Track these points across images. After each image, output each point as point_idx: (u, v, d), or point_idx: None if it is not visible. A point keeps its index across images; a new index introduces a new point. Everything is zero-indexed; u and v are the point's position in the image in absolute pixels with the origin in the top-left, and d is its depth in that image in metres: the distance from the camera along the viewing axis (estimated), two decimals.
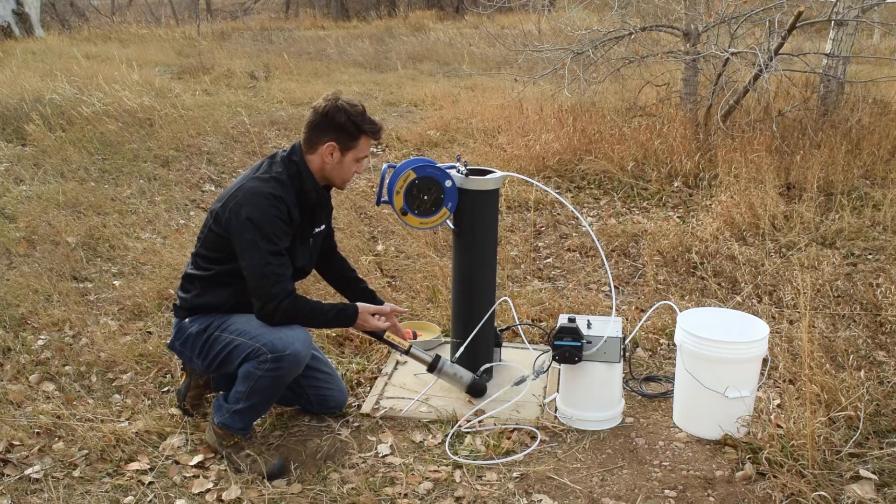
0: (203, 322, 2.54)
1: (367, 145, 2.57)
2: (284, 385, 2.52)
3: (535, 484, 2.45)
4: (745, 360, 2.60)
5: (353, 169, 2.58)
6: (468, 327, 2.96)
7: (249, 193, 2.44)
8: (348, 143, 2.51)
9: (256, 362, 2.42)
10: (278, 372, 2.43)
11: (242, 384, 2.46)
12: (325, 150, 2.51)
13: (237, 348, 2.46)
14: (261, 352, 2.41)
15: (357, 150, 2.54)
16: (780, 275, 3.98)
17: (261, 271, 2.41)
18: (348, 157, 2.54)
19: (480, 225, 2.91)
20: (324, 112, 2.49)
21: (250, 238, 2.40)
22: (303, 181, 2.53)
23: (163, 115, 7.60)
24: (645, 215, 5.15)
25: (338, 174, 2.57)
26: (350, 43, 15.03)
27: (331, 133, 2.50)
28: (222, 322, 2.51)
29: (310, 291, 3.74)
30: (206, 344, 2.52)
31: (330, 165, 2.54)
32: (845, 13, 6.44)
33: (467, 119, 7.73)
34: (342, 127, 2.49)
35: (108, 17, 21.33)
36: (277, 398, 2.64)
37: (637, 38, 6.93)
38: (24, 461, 2.56)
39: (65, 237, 4.67)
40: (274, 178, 2.48)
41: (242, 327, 2.48)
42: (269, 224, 2.41)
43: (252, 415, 2.55)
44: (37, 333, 3.51)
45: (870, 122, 6.33)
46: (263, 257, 2.40)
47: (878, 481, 2.36)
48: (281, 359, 2.41)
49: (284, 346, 2.41)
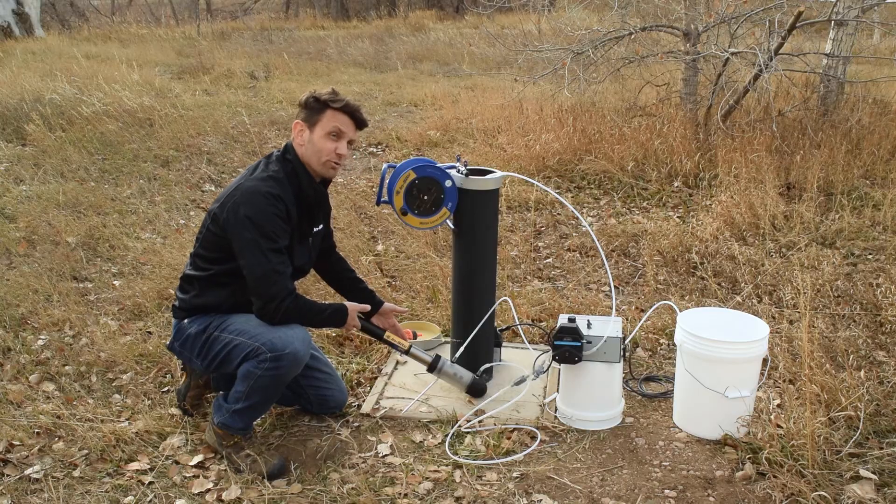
0: (202, 322, 2.54)
1: (336, 119, 2.51)
2: (284, 384, 2.52)
3: (535, 484, 2.45)
4: (745, 360, 2.60)
5: (328, 146, 2.52)
6: (468, 327, 2.96)
7: (248, 192, 2.44)
8: (312, 117, 2.52)
9: (256, 361, 2.42)
10: (278, 371, 2.43)
11: (242, 384, 2.46)
12: (295, 131, 2.54)
13: (236, 348, 2.46)
14: (260, 351, 2.41)
15: (323, 124, 2.51)
16: (780, 275, 3.98)
17: (261, 270, 2.41)
18: (316, 132, 2.52)
19: (480, 225, 2.91)
20: (298, 102, 2.56)
21: (250, 237, 2.40)
22: (300, 178, 2.53)
23: (163, 115, 7.60)
24: (645, 215, 5.15)
25: (313, 153, 2.53)
26: (350, 43, 15.03)
27: (300, 115, 2.55)
28: (221, 322, 2.51)
29: (310, 291, 3.74)
30: (205, 344, 2.52)
31: (304, 147, 2.54)
32: (845, 13, 6.44)
33: (467, 119, 7.73)
34: (306, 105, 2.53)
35: (108, 17, 21.33)
36: (277, 398, 2.64)
37: (637, 38, 6.93)
38: (24, 461, 2.56)
39: (65, 237, 4.67)
40: (271, 177, 2.49)
41: (241, 327, 2.48)
42: (269, 222, 2.41)
43: (252, 414, 2.55)
44: (37, 333, 3.51)
45: (870, 122, 6.34)
46: (263, 255, 2.40)
47: (878, 481, 2.36)
48: (280, 358, 2.40)
49: (284, 345, 2.41)
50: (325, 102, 2.51)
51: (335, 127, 2.52)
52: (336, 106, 2.51)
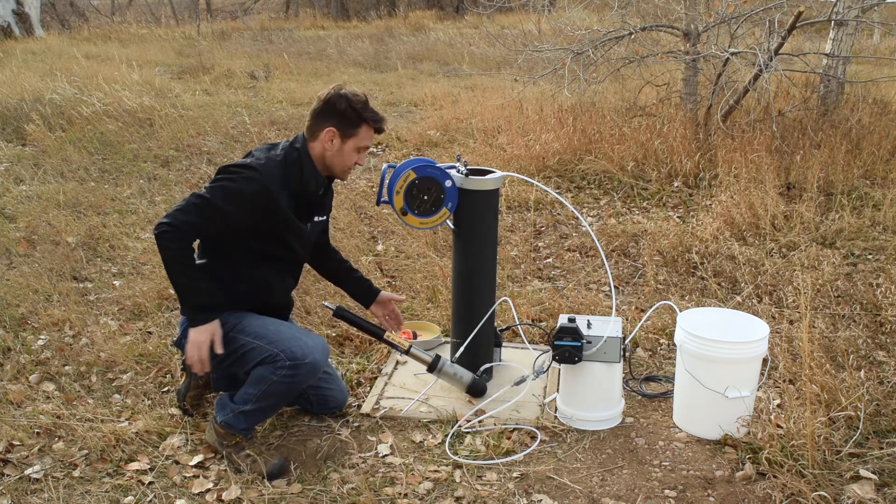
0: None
1: (369, 135, 2.55)
2: (296, 392, 2.54)
3: (535, 484, 2.45)
4: (745, 360, 2.60)
5: (354, 159, 2.56)
6: (468, 327, 2.96)
7: (242, 165, 2.45)
8: (348, 130, 2.51)
9: (273, 367, 2.42)
10: (294, 379, 2.44)
11: (254, 387, 2.47)
12: (325, 135, 2.51)
13: (254, 351, 2.46)
14: (278, 358, 2.42)
15: (358, 139, 2.53)
16: (780, 275, 3.98)
17: (184, 201, 2.37)
18: (349, 144, 2.52)
19: (480, 225, 2.91)
20: (326, 99, 2.50)
21: (208, 185, 2.40)
22: (302, 167, 2.52)
23: (163, 115, 7.60)
24: (645, 215, 5.15)
25: (338, 162, 2.55)
26: (350, 43, 15.04)
27: (332, 119, 2.50)
28: (237, 323, 2.51)
29: (310, 291, 3.74)
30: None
31: (330, 152, 2.53)
32: (845, 13, 6.44)
33: (467, 119, 7.73)
34: (342, 114, 2.49)
35: (108, 17, 21.34)
36: (286, 404, 2.65)
37: (637, 38, 6.93)
38: (24, 461, 2.56)
39: (65, 237, 4.67)
40: (269, 159, 2.47)
41: (259, 331, 2.48)
42: (235, 194, 2.37)
43: (258, 417, 2.56)
44: (37, 333, 3.51)
45: (870, 122, 6.33)
46: (197, 198, 2.36)
47: (878, 481, 2.36)
48: (298, 367, 2.42)
49: (304, 354, 2.42)
50: (364, 118, 2.51)
51: (367, 143, 2.56)
52: (375, 125, 2.53)
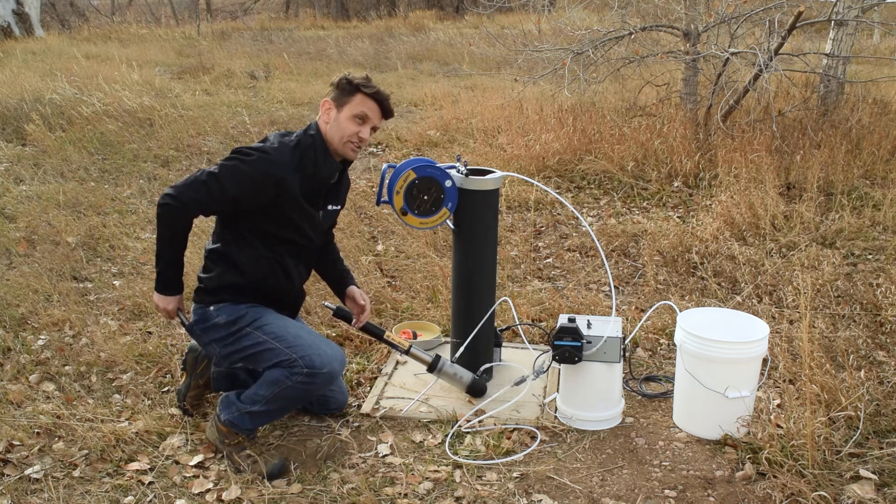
0: (231, 313, 2.51)
1: (366, 105, 2.54)
2: (309, 399, 2.53)
3: (535, 484, 2.45)
4: (745, 360, 2.60)
5: (351, 128, 2.54)
6: (468, 327, 2.96)
7: (256, 148, 2.48)
8: (342, 98, 2.54)
9: (289, 371, 2.42)
10: (308, 387, 2.44)
11: (266, 388, 2.46)
12: (323, 108, 2.56)
13: (271, 351, 2.45)
14: (296, 364, 2.41)
15: (352, 106, 2.53)
16: (780, 275, 3.98)
17: (192, 177, 2.42)
18: (343, 112, 2.53)
19: (480, 225, 2.91)
20: (331, 83, 2.58)
21: (219, 163, 2.44)
22: (316, 151, 2.54)
23: (163, 115, 7.60)
24: (645, 215, 5.15)
25: (336, 132, 2.55)
26: (350, 43, 15.04)
27: (330, 94, 2.57)
28: (255, 319, 2.50)
29: (310, 291, 3.74)
30: (233, 335, 2.50)
31: (329, 126, 2.55)
32: (845, 13, 6.44)
33: (467, 119, 7.73)
34: (338, 86, 2.56)
35: (108, 17, 21.34)
36: (295, 408, 2.64)
37: (637, 38, 6.93)
38: (24, 461, 2.56)
39: (65, 237, 4.67)
40: (282, 143, 2.51)
41: (280, 332, 2.48)
42: (244, 175, 2.41)
43: (265, 419, 2.56)
44: (37, 333, 3.51)
45: (870, 122, 6.33)
46: (207, 175, 2.40)
47: (878, 481, 2.36)
48: (315, 376, 2.42)
49: (322, 364, 2.42)
50: (357, 86, 2.54)
51: (362, 111, 2.54)
52: (367, 91, 2.54)
